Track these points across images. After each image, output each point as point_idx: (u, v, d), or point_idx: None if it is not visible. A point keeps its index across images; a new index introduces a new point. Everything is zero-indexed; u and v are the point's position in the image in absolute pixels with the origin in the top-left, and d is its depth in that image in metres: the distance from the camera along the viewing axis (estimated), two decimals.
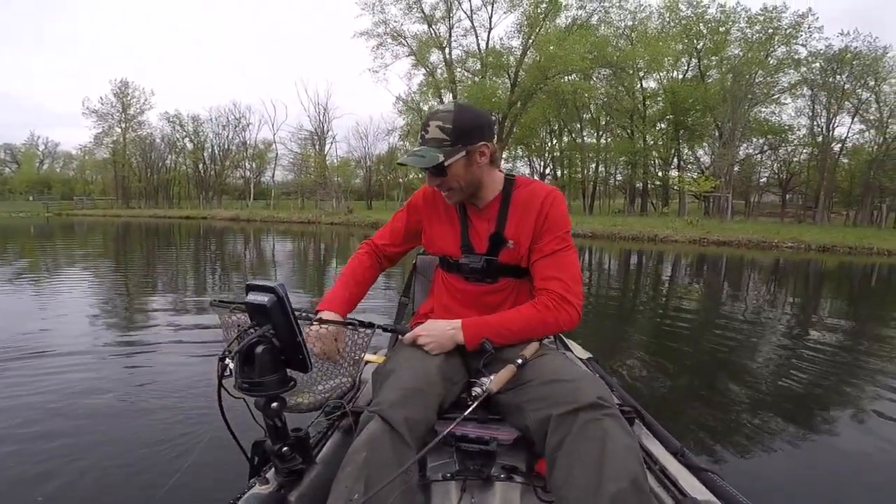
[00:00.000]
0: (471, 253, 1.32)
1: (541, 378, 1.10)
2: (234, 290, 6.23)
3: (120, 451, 2.04)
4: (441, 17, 31.69)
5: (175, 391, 2.71)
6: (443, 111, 1.21)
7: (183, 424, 2.29)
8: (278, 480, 0.97)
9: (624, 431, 0.95)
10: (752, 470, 2.09)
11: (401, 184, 40.51)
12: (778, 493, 1.93)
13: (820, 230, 20.85)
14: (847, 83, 28.48)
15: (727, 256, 13.38)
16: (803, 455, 2.25)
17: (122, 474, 1.88)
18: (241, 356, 0.87)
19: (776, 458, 2.19)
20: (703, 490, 1.00)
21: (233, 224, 24.48)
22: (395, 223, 1.48)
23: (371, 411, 1.01)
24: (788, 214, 35.23)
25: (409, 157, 1.21)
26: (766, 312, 5.88)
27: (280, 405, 0.91)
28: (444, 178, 1.23)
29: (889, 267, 12.30)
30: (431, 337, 1.20)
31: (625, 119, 33.51)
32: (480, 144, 1.22)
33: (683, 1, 31.12)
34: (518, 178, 1.35)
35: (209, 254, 11.40)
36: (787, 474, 2.07)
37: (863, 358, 3.90)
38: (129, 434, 2.21)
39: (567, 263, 1.26)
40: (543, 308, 1.21)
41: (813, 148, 31.65)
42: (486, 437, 1.11)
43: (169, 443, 2.11)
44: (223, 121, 42.01)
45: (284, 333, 0.89)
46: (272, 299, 0.87)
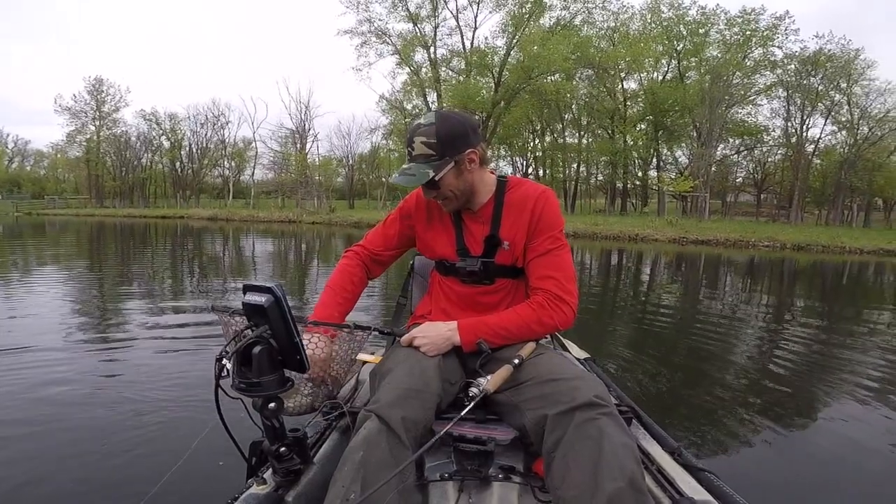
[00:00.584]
0: (467, 256, 1.33)
1: (538, 377, 1.10)
2: (213, 292, 6.07)
3: (117, 452, 2.04)
4: (426, 15, 31.60)
5: (171, 392, 2.70)
6: (424, 125, 1.20)
7: (180, 425, 2.29)
8: (276, 480, 0.96)
9: (621, 430, 0.94)
10: (750, 469, 2.08)
11: (384, 183, 40.29)
12: (775, 493, 1.92)
13: (794, 229, 21.37)
14: (820, 85, 29.27)
15: (706, 255, 13.62)
16: (800, 454, 2.25)
17: (119, 474, 1.88)
18: (238, 357, 0.86)
19: (774, 457, 2.19)
20: (700, 490, 0.99)
21: (211, 224, 24.00)
22: (387, 228, 1.47)
23: (368, 411, 1.00)
24: (763, 214, 36.07)
25: (400, 177, 1.21)
26: (753, 311, 5.97)
27: (277, 405, 0.91)
28: (438, 191, 1.24)
29: (861, 264, 12.67)
30: (428, 338, 1.20)
31: (606, 119, 33.82)
32: (468, 152, 1.23)
33: (665, 2, 31.60)
34: (510, 178, 1.35)
35: (186, 254, 11.13)
36: (784, 474, 2.06)
37: (850, 355, 3.95)
38: (126, 434, 2.20)
39: (561, 262, 1.27)
40: (538, 307, 1.23)
41: (787, 149, 32.45)
42: (484, 437, 1.11)
43: (166, 443, 2.11)
44: (201, 119, 41.32)
45: (282, 334, 0.89)
46: (269, 299, 0.87)
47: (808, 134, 31.36)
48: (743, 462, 2.15)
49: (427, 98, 33.57)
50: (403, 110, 35.38)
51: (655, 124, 32.57)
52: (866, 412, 2.71)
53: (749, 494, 0.97)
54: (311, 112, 34.57)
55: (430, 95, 33.38)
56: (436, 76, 32.07)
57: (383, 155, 41.05)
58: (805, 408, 2.82)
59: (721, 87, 27.35)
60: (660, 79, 33.13)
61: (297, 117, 34.39)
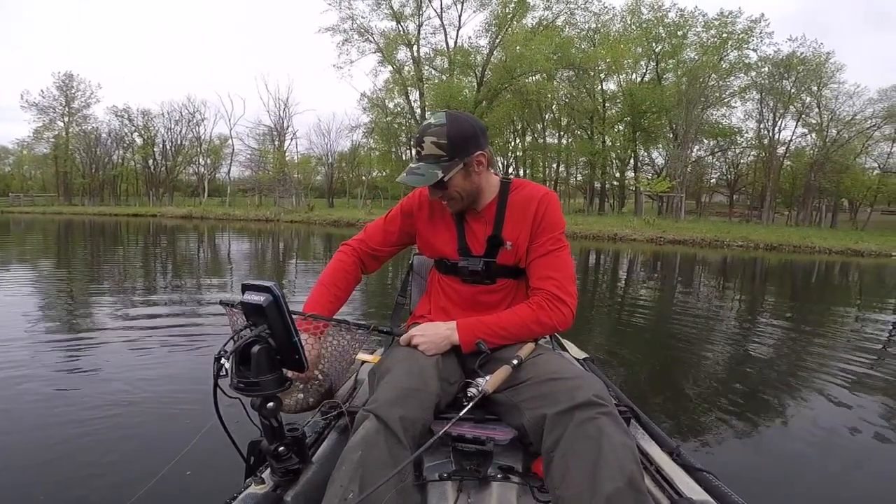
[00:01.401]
0: (468, 255, 1.33)
1: (537, 377, 1.10)
2: (188, 290, 5.86)
3: (114, 451, 2.04)
4: (410, 14, 31.45)
5: (168, 392, 2.69)
6: (435, 125, 1.20)
7: (178, 424, 2.28)
8: (274, 480, 0.96)
9: (620, 430, 0.94)
10: (748, 469, 2.07)
11: (364, 181, 39.95)
12: (773, 493, 1.91)
13: (766, 230, 21.93)
14: (792, 88, 30.10)
15: (683, 255, 13.85)
16: (799, 454, 2.24)
17: (116, 474, 1.87)
18: (237, 356, 0.86)
19: (772, 457, 2.18)
20: (698, 490, 0.99)
21: (185, 222, 23.40)
22: (388, 224, 1.46)
23: (366, 410, 0.99)
24: (736, 214, 36.98)
25: (409, 177, 1.21)
26: (742, 311, 6.07)
27: (276, 405, 0.90)
28: (445, 192, 1.25)
29: (829, 264, 13.05)
30: (427, 338, 1.20)
31: (585, 120, 34.15)
32: (477, 154, 1.23)
33: (645, 4, 32.03)
34: (514, 180, 1.36)
35: (161, 252, 10.79)
36: (782, 473, 2.06)
37: (841, 354, 3.97)
38: (124, 434, 2.19)
39: (561, 263, 1.27)
40: (537, 307, 1.23)
41: (760, 150, 33.30)
42: (483, 437, 1.11)
43: (164, 442, 2.10)
44: (176, 115, 40.24)
45: (280, 333, 0.88)
46: (268, 299, 0.87)
47: (780, 136, 32.27)
48: (741, 462, 2.13)
49: (409, 97, 33.44)
50: (385, 109, 35.16)
51: (633, 125, 33.02)
52: (866, 410, 2.73)
53: (747, 494, 0.97)
54: (290, 109, 34.09)
55: (413, 94, 33.25)
56: (418, 75, 31.92)
57: (364, 153, 40.69)
58: (805, 407, 2.82)
59: (697, 88, 27.88)
60: (638, 80, 33.60)
61: (275, 114, 33.88)
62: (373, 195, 39.09)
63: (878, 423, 2.60)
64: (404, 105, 34.41)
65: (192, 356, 3.35)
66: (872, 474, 2.10)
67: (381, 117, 35.59)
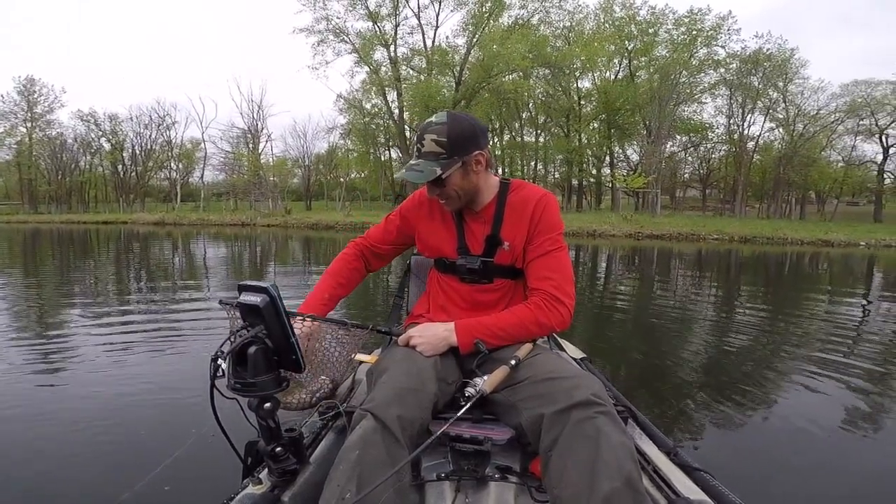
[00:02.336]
0: (467, 254, 1.34)
1: (535, 376, 1.09)
2: (177, 293, 5.65)
3: (112, 452, 2.03)
4: (387, 14, 31.20)
5: (166, 393, 2.68)
6: (436, 123, 1.22)
7: (175, 425, 2.27)
8: (271, 481, 0.96)
9: (618, 429, 0.93)
10: (746, 469, 2.05)
11: (342, 183, 39.58)
12: (772, 493, 1.90)
13: (740, 223, 22.47)
14: (760, 83, 30.96)
15: (663, 249, 14.06)
16: (798, 453, 2.22)
17: (114, 475, 1.86)
18: (233, 357, 0.86)
19: (770, 456, 2.16)
20: (696, 490, 1.00)
21: (158, 228, 22.73)
22: (388, 225, 1.49)
23: (364, 410, 0.99)
24: (709, 208, 37.89)
25: (408, 173, 1.22)
26: (728, 304, 6.10)
27: (273, 405, 0.90)
28: (442, 189, 1.26)
29: (802, 254, 13.42)
30: (424, 339, 1.20)
31: (561, 118, 34.52)
32: (476, 153, 1.24)
33: (618, 2, 32.52)
34: (513, 181, 1.37)
35: (135, 259, 10.41)
36: (781, 473, 2.04)
37: (835, 347, 3.96)
38: (121, 435, 2.19)
39: (559, 264, 1.28)
40: (536, 307, 1.23)
41: (730, 145, 34.15)
42: (481, 437, 1.10)
43: (161, 443, 2.08)
44: (145, 119, 39.20)
45: (277, 334, 0.88)
46: (265, 299, 0.86)
47: (750, 131, 33.18)
48: (740, 462, 2.11)
49: (387, 97, 33.22)
50: (362, 110, 34.87)
51: (608, 123, 33.53)
52: (865, 405, 2.72)
53: (745, 494, 0.96)
54: (264, 111, 33.55)
55: (390, 94, 33.03)
56: (396, 75, 31.73)
57: (342, 155, 40.33)
58: (804, 405, 2.76)
59: (669, 85, 28.43)
60: (612, 78, 34.10)
61: (249, 117, 33.30)
62: (352, 197, 38.74)
63: (879, 418, 2.60)
64: (382, 105, 34.19)
65: (187, 358, 3.33)
66: (873, 472, 2.09)
67: (358, 118, 35.30)
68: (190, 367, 3.13)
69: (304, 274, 7.99)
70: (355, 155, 39.50)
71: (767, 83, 30.83)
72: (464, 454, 1.12)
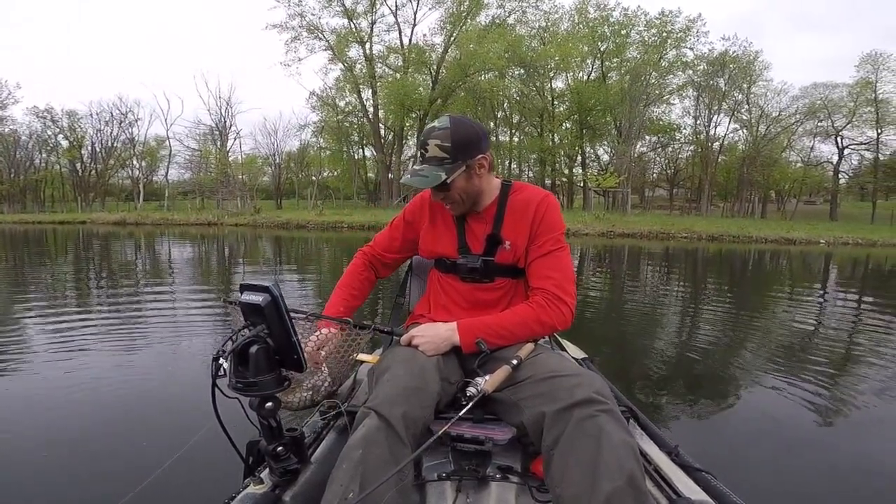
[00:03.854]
0: (468, 254, 1.34)
1: (536, 375, 1.09)
2: (179, 292, 5.33)
3: (112, 452, 2.02)
4: (364, 11, 30.82)
5: (167, 392, 2.70)
6: (440, 128, 1.23)
7: (176, 424, 2.28)
8: (273, 480, 0.96)
9: (620, 428, 0.92)
10: (747, 469, 2.02)
11: (314, 182, 38.89)
12: (772, 493, 1.87)
13: (707, 221, 23.10)
14: (725, 85, 31.92)
15: (633, 247, 14.28)
16: (798, 454, 2.19)
17: (114, 475, 1.85)
18: (235, 356, 0.86)
19: (771, 457, 2.13)
20: (697, 490, 0.99)
21: (118, 228, 21.74)
22: (392, 231, 1.50)
23: (367, 408, 0.99)
24: (676, 207, 38.88)
25: (413, 178, 1.23)
26: (718, 301, 6.13)
27: (274, 405, 0.90)
28: (447, 193, 1.27)
29: (767, 252, 13.83)
30: (427, 338, 1.20)
31: (535, 118, 34.80)
32: (479, 157, 1.25)
33: (592, 3, 32.98)
34: (515, 183, 1.38)
35: (88, 261, 9.88)
36: (782, 473, 2.01)
37: (831, 341, 4.02)
38: (122, 435, 2.19)
39: (561, 263, 1.28)
40: (537, 306, 1.23)
41: (696, 146, 35.10)
42: (482, 437, 1.10)
43: (162, 443, 2.08)
44: (106, 116, 37.57)
45: (279, 333, 0.88)
46: (266, 299, 0.86)
47: (716, 132, 34.20)
48: (741, 462, 2.08)
49: (361, 95, 32.79)
50: (336, 107, 34.34)
51: (580, 123, 33.97)
52: (868, 402, 2.71)
53: (746, 495, 0.96)
54: (232, 108, 32.65)
55: (365, 92, 32.63)
56: (371, 72, 31.35)
57: (314, 153, 39.63)
58: (812, 411, 2.70)
59: (639, 86, 29.00)
60: (585, 78, 34.56)
61: (216, 113, 32.30)
62: (324, 195, 38.11)
63: (884, 415, 2.59)
64: (356, 103, 33.75)
65: (188, 357, 3.35)
66: (883, 475, 2.05)
67: (331, 116, 34.75)
68: (197, 366, 3.14)
69: (274, 275, 7.74)
70: (328, 153, 38.86)
71: (732, 85, 31.84)
72: (465, 454, 1.12)
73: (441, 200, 1.32)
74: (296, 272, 8.34)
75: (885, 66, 29.95)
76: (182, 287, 6.56)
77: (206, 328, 4.18)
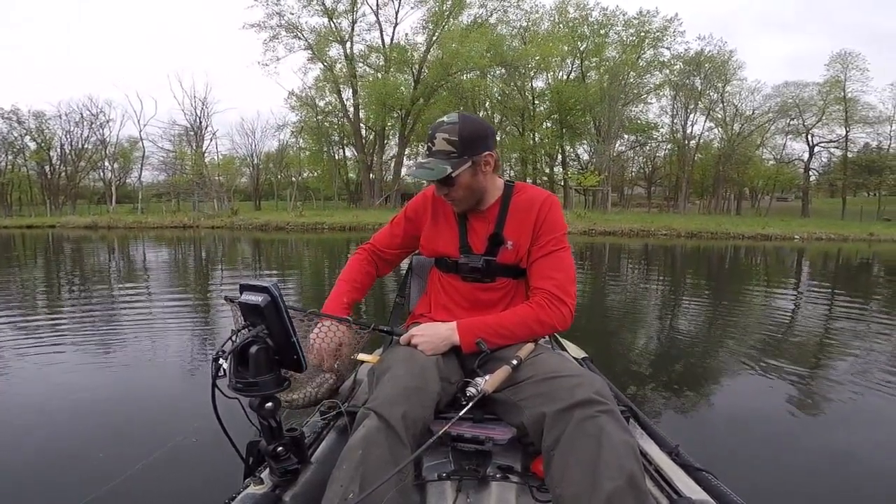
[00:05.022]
0: (469, 253, 1.34)
1: (537, 375, 1.09)
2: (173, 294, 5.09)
3: (112, 453, 2.03)
4: (344, 10, 30.41)
5: (168, 392, 2.71)
6: (448, 123, 1.23)
7: (177, 425, 2.27)
8: (273, 480, 0.96)
9: (620, 428, 0.92)
10: (748, 469, 1.99)
11: (293, 182, 38.36)
12: (773, 493, 1.84)
13: (685, 218, 23.49)
14: (701, 85, 32.54)
15: (614, 244, 14.43)
16: (799, 453, 2.17)
17: (114, 476, 1.78)
18: (235, 356, 0.86)
19: (772, 456, 2.10)
20: (698, 490, 0.99)
21: (90, 232, 21.05)
22: (393, 228, 1.50)
23: (368, 408, 0.98)
24: (654, 205, 39.50)
25: (419, 171, 1.24)
26: (708, 299, 6.18)
27: (274, 405, 0.90)
28: (451, 188, 1.27)
29: (745, 248, 14.10)
30: (426, 338, 1.20)
31: (516, 117, 34.92)
32: (485, 154, 1.26)
33: (572, 3, 33.22)
34: (517, 184, 1.39)
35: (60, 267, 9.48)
36: (782, 473, 1.99)
37: (841, 348, 3.94)
38: (122, 435, 2.18)
39: (562, 264, 1.28)
40: (538, 306, 1.23)
41: (673, 144, 35.70)
42: (482, 437, 1.10)
43: (163, 443, 2.04)
44: (76, 117, 36.32)
45: (279, 333, 0.88)
46: (266, 299, 0.87)
47: (692, 130, 34.82)
48: (742, 462, 2.05)
49: (342, 94, 32.41)
50: (315, 107, 33.89)
51: (560, 122, 34.20)
52: (885, 420, 2.67)
53: (747, 495, 0.95)
54: (208, 108, 31.96)
55: (345, 92, 32.26)
56: (352, 72, 30.98)
57: (293, 153, 39.06)
58: (812, 410, 2.70)
59: (618, 86, 29.35)
60: (564, 78, 34.81)
61: (192, 114, 31.57)
62: (304, 196, 37.61)
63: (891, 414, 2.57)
64: (336, 103, 33.35)
65: (188, 357, 3.36)
66: (874, 476, 2.02)
67: (310, 116, 34.29)
68: (196, 366, 3.13)
69: (256, 275, 7.53)
70: (308, 154, 38.35)
71: (708, 84, 32.47)
72: (465, 454, 1.12)
73: (445, 196, 1.31)
74: (277, 275, 8.14)
75: (853, 65, 30.97)
76: (157, 290, 6.38)
77: (188, 329, 4.18)
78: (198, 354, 3.46)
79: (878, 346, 3.84)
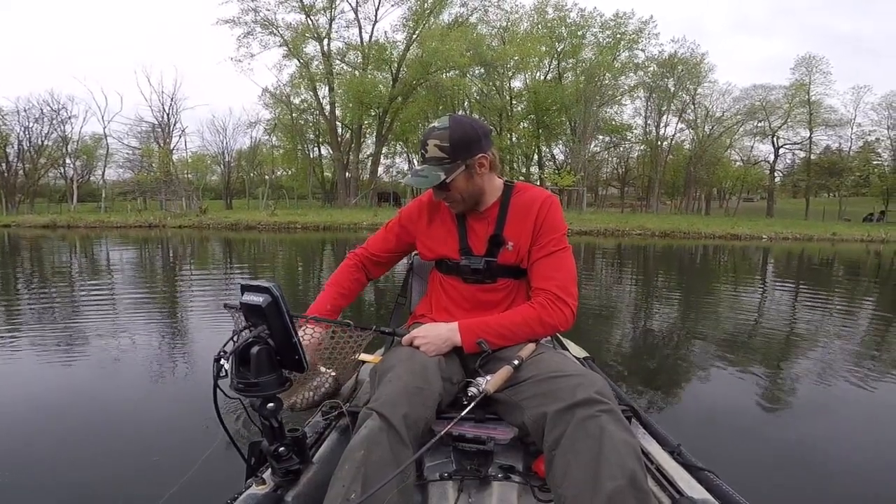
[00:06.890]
0: (470, 255, 1.34)
1: (538, 375, 1.09)
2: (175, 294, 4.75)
3: (113, 453, 2.02)
4: (322, 7, 29.81)
5: (169, 393, 2.70)
6: (439, 128, 1.23)
7: (178, 426, 2.27)
8: (275, 481, 0.96)
9: (622, 427, 0.92)
10: (750, 469, 1.96)
11: (266, 181, 37.55)
12: (776, 492, 1.82)
13: (658, 218, 23.95)
14: (673, 86, 33.24)
15: (589, 244, 14.52)
16: (800, 453, 2.13)
17: (115, 476, 1.85)
18: (236, 357, 0.87)
19: (773, 456, 2.08)
20: (700, 489, 0.98)
21: (48, 232, 20.10)
22: (388, 233, 1.50)
23: (370, 409, 0.99)
24: (627, 205, 40.21)
25: (413, 178, 1.24)
26: (703, 296, 6.20)
27: (276, 405, 0.91)
28: (448, 193, 1.27)
29: (716, 247, 14.40)
30: (428, 339, 1.20)
31: (495, 117, 34.99)
32: (479, 156, 1.25)
33: (551, 4, 33.45)
34: (517, 184, 1.38)
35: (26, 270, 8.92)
36: (785, 472, 1.96)
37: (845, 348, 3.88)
38: (123, 436, 2.18)
39: (563, 264, 1.28)
40: (539, 307, 1.23)
41: (646, 145, 36.38)
42: (484, 437, 1.10)
43: (164, 444, 2.07)
44: (35, 112, 34.70)
45: (280, 333, 0.89)
46: (267, 299, 0.87)
47: (665, 131, 35.55)
48: (743, 462, 2.01)
49: (318, 92, 31.82)
50: (290, 105, 33.19)
51: (537, 122, 34.44)
52: (879, 403, 2.66)
53: (750, 493, 0.95)
54: (177, 104, 30.94)
55: (321, 89, 31.67)
56: (329, 69, 30.42)
57: (266, 151, 38.25)
58: (813, 410, 2.64)
59: (594, 87, 29.72)
60: (542, 78, 35.05)
61: (160, 110, 30.51)
62: (277, 195, 36.84)
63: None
64: (312, 101, 32.74)
65: (195, 357, 3.34)
66: (875, 476, 1.98)
67: (285, 113, 33.59)
68: (198, 367, 3.11)
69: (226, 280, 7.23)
70: (281, 152, 37.60)
71: (680, 86, 33.20)
72: (467, 454, 1.12)
73: (443, 200, 1.32)
74: (249, 276, 7.84)
75: (817, 68, 32.12)
76: (122, 292, 6.02)
77: (204, 327, 4.17)
78: (178, 357, 3.40)
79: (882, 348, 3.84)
